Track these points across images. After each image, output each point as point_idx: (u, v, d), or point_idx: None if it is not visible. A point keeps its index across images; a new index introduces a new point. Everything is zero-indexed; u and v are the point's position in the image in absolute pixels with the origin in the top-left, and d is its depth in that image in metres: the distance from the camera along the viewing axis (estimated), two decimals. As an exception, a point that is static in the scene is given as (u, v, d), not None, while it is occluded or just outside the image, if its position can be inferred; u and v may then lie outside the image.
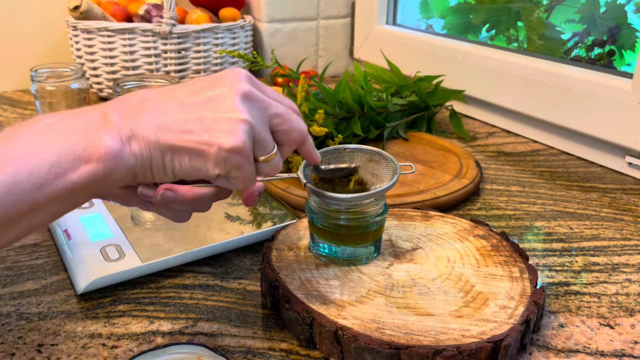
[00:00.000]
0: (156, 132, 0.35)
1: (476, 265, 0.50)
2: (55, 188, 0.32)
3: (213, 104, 0.36)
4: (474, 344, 0.40)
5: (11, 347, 0.44)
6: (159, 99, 0.37)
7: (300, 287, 0.47)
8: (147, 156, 0.35)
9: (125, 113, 0.35)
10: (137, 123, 0.35)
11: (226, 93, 0.37)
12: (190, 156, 0.36)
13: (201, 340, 0.46)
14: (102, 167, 0.33)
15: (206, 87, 0.37)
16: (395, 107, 0.88)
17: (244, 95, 0.37)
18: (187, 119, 0.36)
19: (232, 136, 0.35)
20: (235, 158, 0.36)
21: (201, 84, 0.38)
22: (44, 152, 0.32)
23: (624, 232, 0.63)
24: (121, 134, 0.34)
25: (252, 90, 0.37)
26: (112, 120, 0.35)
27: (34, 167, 0.32)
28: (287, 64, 1.20)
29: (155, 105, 0.36)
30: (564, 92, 0.84)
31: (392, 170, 0.50)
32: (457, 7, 1.14)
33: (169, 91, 0.38)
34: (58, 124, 0.34)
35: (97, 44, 1.02)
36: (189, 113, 0.36)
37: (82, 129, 0.34)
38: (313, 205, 0.50)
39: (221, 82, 0.37)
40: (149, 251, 0.54)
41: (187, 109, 0.36)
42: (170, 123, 0.35)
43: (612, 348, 0.45)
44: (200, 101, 0.36)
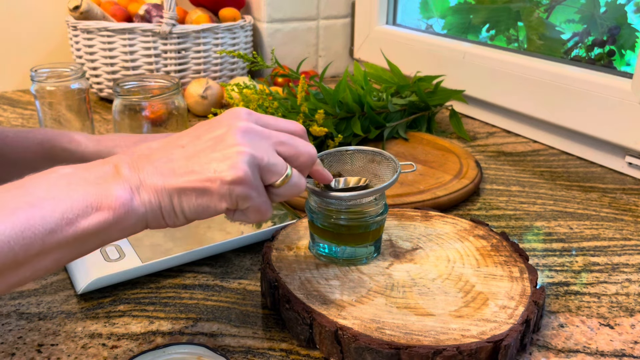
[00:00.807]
0: (162, 179, 0.37)
1: (476, 265, 0.50)
2: (66, 233, 0.34)
3: (213, 144, 0.38)
4: (474, 344, 0.40)
5: (11, 347, 0.44)
6: (165, 148, 0.39)
7: (300, 287, 0.47)
8: (155, 202, 0.37)
9: (134, 164, 0.37)
10: (145, 173, 0.37)
11: (225, 131, 0.38)
12: (196, 195, 0.37)
13: (201, 340, 0.46)
14: (112, 215, 0.35)
15: (207, 130, 0.39)
16: (395, 107, 0.88)
17: (243, 130, 0.38)
18: (190, 161, 0.37)
19: (232, 168, 0.37)
20: (238, 189, 0.37)
21: (203, 128, 0.40)
22: (57, 199, 0.34)
23: (624, 232, 0.63)
24: (131, 184, 0.36)
25: (250, 125, 0.39)
26: (122, 172, 0.37)
27: (47, 212, 0.33)
28: (287, 64, 1.20)
29: (161, 154, 0.38)
30: (564, 92, 0.84)
31: (392, 169, 0.50)
32: (457, 7, 1.14)
33: (174, 139, 0.40)
34: (72, 175, 0.36)
35: (97, 44, 1.02)
36: (191, 156, 0.38)
37: (94, 179, 0.36)
38: (313, 205, 0.50)
39: (220, 124, 0.39)
40: (149, 251, 0.54)
41: (190, 153, 0.38)
42: (174, 168, 0.37)
43: (612, 348, 0.45)
44: (202, 144, 0.38)
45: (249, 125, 0.39)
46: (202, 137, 0.39)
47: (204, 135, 0.39)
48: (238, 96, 0.88)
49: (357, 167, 0.52)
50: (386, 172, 0.51)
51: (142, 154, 0.39)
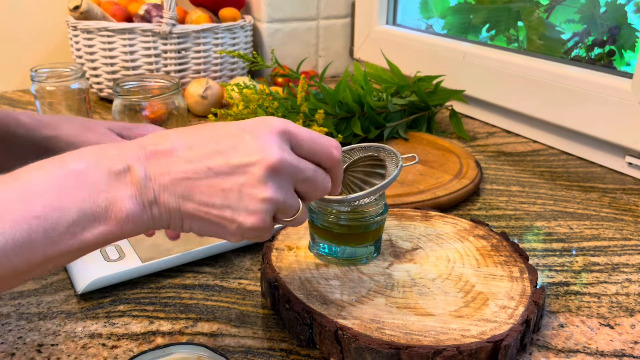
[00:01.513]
0: (178, 200, 0.35)
1: (476, 265, 0.50)
2: (68, 245, 0.32)
3: (240, 175, 0.35)
4: (474, 344, 0.40)
5: (11, 347, 0.44)
6: (187, 154, 0.35)
7: (300, 287, 0.47)
8: (166, 219, 0.35)
9: (151, 168, 0.34)
10: (161, 187, 0.34)
11: (255, 163, 0.35)
12: (209, 225, 0.36)
13: (201, 340, 0.46)
14: (120, 228, 0.33)
15: (237, 148, 0.35)
16: (395, 107, 0.88)
17: (273, 169, 0.35)
18: (211, 190, 0.35)
19: (253, 216, 0.35)
20: (253, 233, 0.36)
21: (233, 140, 0.36)
22: (63, 209, 0.32)
23: (624, 232, 0.63)
24: (144, 197, 0.34)
25: (282, 158, 0.35)
26: (137, 179, 0.34)
27: (51, 225, 0.31)
28: (287, 64, 1.20)
29: (181, 166, 0.35)
30: (564, 92, 0.84)
31: (395, 163, 0.50)
32: (457, 7, 1.14)
33: (199, 144, 0.35)
34: (82, 174, 0.33)
35: (97, 44, 1.02)
36: (214, 183, 0.35)
37: (104, 185, 0.33)
38: (313, 205, 0.50)
39: (252, 146, 0.35)
40: (149, 251, 0.54)
41: (213, 177, 0.35)
42: (194, 193, 0.35)
43: (612, 348, 0.45)
44: (227, 169, 0.35)
45: (281, 157, 0.35)
46: (230, 157, 0.35)
47: (232, 157, 0.35)
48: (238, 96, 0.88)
49: (362, 165, 0.52)
50: (390, 167, 0.50)
51: (161, 152, 0.35)
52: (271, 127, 0.36)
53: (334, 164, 0.39)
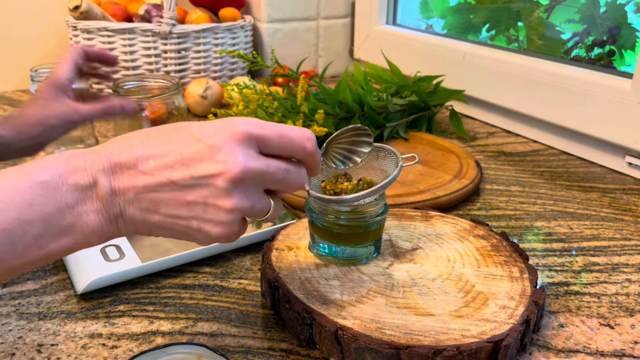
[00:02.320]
0: (144, 214, 0.35)
1: (476, 265, 0.50)
2: (33, 256, 0.33)
3: (203, 188, 0.34)
4: (474, 344, 0.40)
5: (11, 347, 0.44)
6: (150, 166, 0.35)
7: (300, 287, 0.47)
8: (132, 229, 0.36)
9: (115, 183, 0.34)
10: (126, 201, 0.34)
11: (217, 174, 0.34)
12: (177, 234, 0.36)
13: (201, 340, 0.46)
14: (84, 240, 0.34)
15: (200, 157, 0.34)
16: (395, 107, 0.88)
17: (237, 180, 0.34)
18: (176, 203, 0.35)
19: (219, 227, 0.35)
20: (222, 240, 0.37)
21: (194, 149, 0.35)
22: (30, 223, 0.32)
23: (624, 232, 0.63)
24: (109, 212, 0.34)
25: (245, 168, 0.34)
26: (102, 193, 0.34)
27: (17, 238, 0.32)
28: (287, 64, 1.20)
29: (145, 179, 0.34)
30: (564, 92, 0.84)
31: (396, 163, 0.50)
32: (457, 7, 1.14)
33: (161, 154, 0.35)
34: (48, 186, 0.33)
35: (97, 44, 1.02)
36: (178, 196, 0.35)
37: (72, 199, 0.33)
38: (313, 205, 0.50)
39: (216, 155, 0.34)
40: (149, 251, 0.54)
41: (177, 190, 0.34)
42: (159, 206, 0.35)
43: (612, 348, 0.45)
44: (191, 181, 0.34)
45: (244, 168, 0.34)
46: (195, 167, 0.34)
47: (197, 167, 0.34)
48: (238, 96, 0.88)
49: (363, 163, 0.52)
50: (390, 167, 0.50)
51: (124, 163, 0.34)
52: (234, 132, 0.35)
53: (306, 156, 0.39)
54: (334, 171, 0.52)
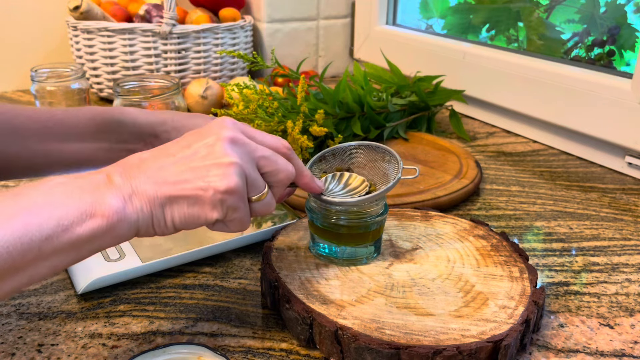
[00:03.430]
0: (154, 187, 0.38)
1: (476, 265, 0.50)
2: (61, 240, 0.34)
3: (203, 153, 0.39)
4: (474, 344, 0.40)
5: (11, 347, 0.44)
6: (155, 157, 0.40)
7: (300, 287, 0.47)
8: (147, 210, 0.38)
9: (126, 173, 0.38)
10: (137, 181, 0.38)
11: (214, 141, 0.39)
12: (187, 203, 0.38)
13: (201, 340, 0.46)
14: (106, 222, 0.35)
15: (195, 139, 0.40)
16: (395, 107, 0.88)
17: (231, 140, 0.40)
18: (181, 170, 0.39)
19: (225, 179, 0.38)
20: (230, 199, 0.39)
21: (191, 137, 0.41)
22: (53, 205, 0.34)
23: (623, 232, 0.63)
24: (123, 192, 0.37)
25: (237, 135, 0.40)
26: (115, 181, 0.37)
27: (44, 219, 0.34)
28: (287, 64, 1.20)
29: (151, 164, 0.39)
30: (564, 92, 0.84)
31: (394, 169, 0.50)
32: (457, 7, 1.14)
33: (164, 149, 0.40)
34: (67, 183, 0.36)
35: (97, 44, 1.02)
36: (182, 165, 0.39)
37: (88, 188, 0.36)
38: (313, 205, 0.50)
39: (208, 133, 0.40)
40: (149, 251, 0.54)
41: (180, 161, 0.39)
42: (166, 176, 0.38)
43: (611, 348, 0.45)
44: (192, 153, 0.39)
45: (235, 134, 0.40)
46: (191, 145, 0.40)
47: (193, 144, 0.40)
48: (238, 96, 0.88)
49: (368, 163, 0.52)
50: (392, 172, 0.51)
51: (133, 163, 0.39)
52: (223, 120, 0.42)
53: (285, 150, 0.44)
54: (338, 165, 0.53)
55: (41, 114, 0.55)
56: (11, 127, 0.53)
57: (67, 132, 0.55)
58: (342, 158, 0.53)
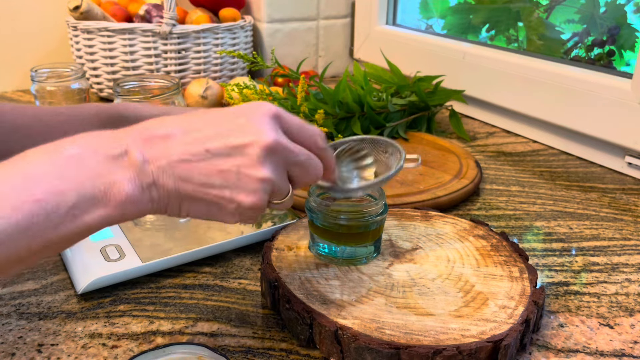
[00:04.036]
0: (177, 182, 0.35)
1: (476, 265, 0.50)
2: (70, 228, 0.33)
3: (237, 156, 0.36)
4: (474, 344, 0.40)
5: (11, 347, 0.44)
6: (183, 134, 0.36)
7: (300, 287, 0.47)
8: (164, 202, 0.36)
9: (147, 151, 0.35)
10: (159, 169, 0.35)
11: (252, 143, 0.36)
12: (207, 206, 0.37)
13: (201, 340, 0.46)
14: (119, 211, 0.34)
15: (233, 130, 0.36)
16: (395, 107, 0.88)
17: (269, 149, 0.36)
18: (210, 171, 0.35)
19: (251, 195, 0.36)
20: (251, 212, 0.37)
21: (229, 124, 0.37)
22: (64, 193, 0.32)
23: (623, 232, 0.63)
24: (142, 180, 0.34)
25: (277, 140, 0.36)
26: (135, 162, 0.34)
27: (52, 209, 0.32)
28: (287, 64, 1.20)
29: (179, 148, 0.35)
30: (564, 92, 0.84)
31: (397, 159, 0.49)
32: (457, 7, 1.14)
33: (196, 129, 0.36)
34: (79, 157, 0.33)
35: (97, 44, 1.02)
36: (212, 165, 0.35)
37: (104, 169, 0.34)
38: (313, 205, 0.50)
39: (249, 128, 0.36)
40: (149, 251, 0.54)
41: (211, 159, 0.35)
42: (192, 174, 0.35)
43: (611, 348, 0.45)
44: (225, 150, 0.36)
45: (276, 140, 0.36)
46: (227, 138, 0.36)
47: (229, 138, 0.36)
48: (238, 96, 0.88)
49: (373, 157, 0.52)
50: (395, 163, 0.50)
51: (157, 136, 0.35)
52: (264, 110, 0.37)
53: (319, 151, 0.41)
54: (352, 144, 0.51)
55: (45, 112, 0.54)
56: (15, 126, 0.52)
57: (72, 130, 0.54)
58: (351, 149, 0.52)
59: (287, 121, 0.39)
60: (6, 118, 0.52)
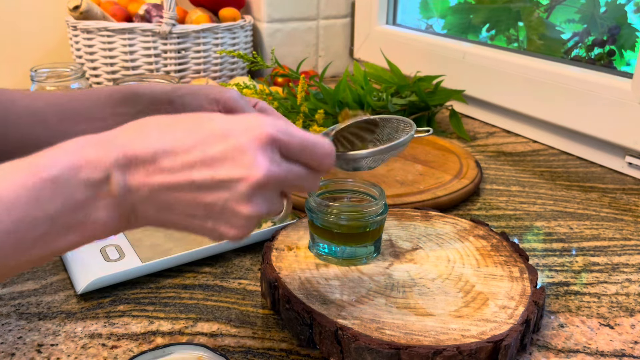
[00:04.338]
0: (158, 213, 0.33)
1: (476, 265, 0.50)
2: (37, 254, 0.31)
3: (223, 191, 0.33)
4: (474, 344, 0.40)
5: (11, 347, 0.44)
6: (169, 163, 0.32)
7: (300, 287, 0.47)
8: (142, 224, 0.34)
9: (130, 178, 0.32)
10: (140, 198, 0.33)
11: (240, 179, 0.32)
12: (188, 231, 0.35)
13: (201, 340, 0.46)
14: (92, 236, 0.33)
15: (221, 160, 0.32)
16: (395, 107, 0.88)
17: (259, 185, 0.33)
18: (193, 203, 0.33)
19: (236, 229, 0.34)
20: (234, 241, 0.35)
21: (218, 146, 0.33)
22: (36, 221, 0.30)
23: (624, 232, 0.63)
24: (122, 210, 0.33)
25: (269, 174, 0.33)
26: (115, 191, 0.32)
27: (22, 238, 0.30)
28: (287, 64, 1.20)
29: (163, 176, 0.32)
30: (564, 92, 0.84)
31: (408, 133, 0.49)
32: (457, 7, 1.14)
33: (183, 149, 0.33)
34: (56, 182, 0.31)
35: (97, 43, 1.02)
36: (196, 197, 0.33)
37: (82, 197, 0.31)
38: (313, 205, 0.50)
39: (239, 158, 0.32)
40: (149, 251, 0.54)
41: (196, 191, 0.33)
42: (175, 205, 0.33)
43: (612, 348, 0.45)
44: (211, 183, 0.32)
45: (267, 174, 0.33)
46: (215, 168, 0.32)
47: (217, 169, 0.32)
48: (238, 96, 0.88)
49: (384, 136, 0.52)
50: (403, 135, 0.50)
51: (141, 155, 0.32)
52: (260, 132, 0.33)
53: (323, 170, 0.38)
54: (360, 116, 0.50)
55: (59, 97, 0.53)
56: (29, 111, 0.51)
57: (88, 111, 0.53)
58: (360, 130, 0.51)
59: (287, 142, 0.34)
60: (21, 104, 0.52)
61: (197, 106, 0.51)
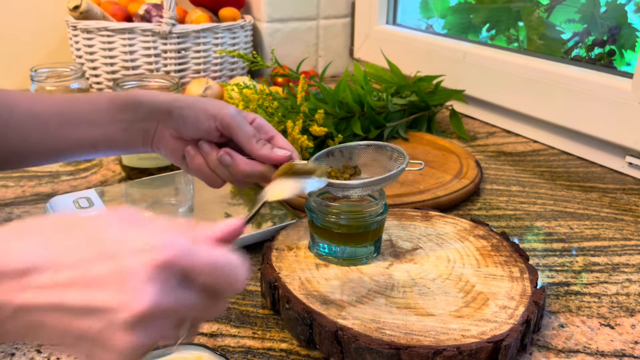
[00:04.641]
0: (26, 332, 0.29)
1: (476, 265, 0.50)
2: None
3: (96, 320, 0.28)
4: (474, 344, 0.40)
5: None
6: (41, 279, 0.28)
7: (300, 287, 0.47)
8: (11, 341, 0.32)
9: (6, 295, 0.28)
10: (3, 317, 0.29)
11: (117, 309, 0.28)
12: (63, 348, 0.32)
13: (201, 340, 0.45)
14: None
15: (105, 282, 0.28)
16: (395, 107, 0.88)
17: (140, 318, 0.28)
18: (63, 330, 0.29)
19: (115, 356, 0.29)
20: None
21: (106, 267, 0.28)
22: None
23: (624, 232, 0.63)
24: None
25: (155, 304, 0.28)
26: None
27: None
28: (287, 64, 1.20)
29: (32, 293, 0.28)
30: (564, 92, 0.84)
31: (400, 164, 0.50)
32: (457, 6, 1.14)
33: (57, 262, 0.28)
34: None
35: (97, 43, 1.01)
36: (67, 322, 0.28)
37: None
38: (313, 205, 0.50)
39: (124, 284, 0.28)
40: (149, 251, 0.54)
41: (66, 316, 0.28)
42: (41, 329, 0.29)
43: (612, 348, 0.45)
44: (84, 309, 0.28)
45: (154, 303, 0.28)
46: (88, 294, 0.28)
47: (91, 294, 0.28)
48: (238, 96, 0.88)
49: (374, 163, 0.52)
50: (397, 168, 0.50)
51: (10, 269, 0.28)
52: (155, 256, 0.28)
53: (231, 294, 0.34)
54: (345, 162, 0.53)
55: (61, 100, 0.54)
56: (31, 113, 0.52)
57: (88, 116, 0.54)
58: (350, 156, 0.53)
59: (189, 266, 0.29)
60: (24, 105, 0.52)
61: (194, 120, 0.53)
